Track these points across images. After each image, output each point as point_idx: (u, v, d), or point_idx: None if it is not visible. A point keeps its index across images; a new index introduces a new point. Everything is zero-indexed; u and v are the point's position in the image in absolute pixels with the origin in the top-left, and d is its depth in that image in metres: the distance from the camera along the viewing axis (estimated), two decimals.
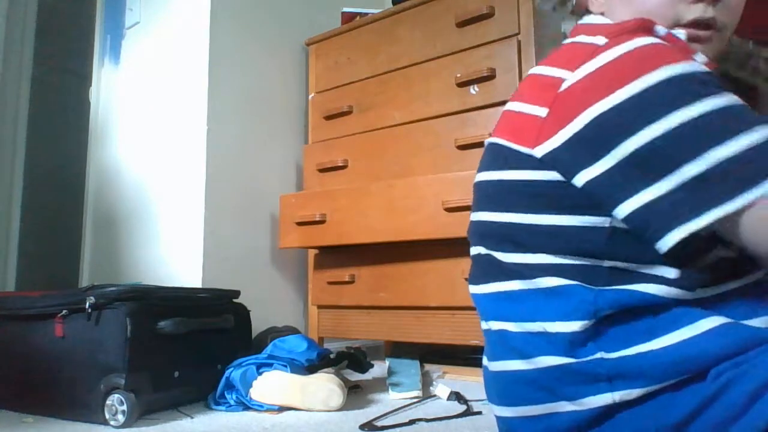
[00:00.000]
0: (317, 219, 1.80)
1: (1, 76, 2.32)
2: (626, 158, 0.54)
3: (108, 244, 2.10)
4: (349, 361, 1.45)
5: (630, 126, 0.54)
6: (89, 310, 1.20)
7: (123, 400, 1.14)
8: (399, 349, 1.88)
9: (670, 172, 0.52)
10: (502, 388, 0.67)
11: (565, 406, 0.60)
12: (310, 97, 2.10)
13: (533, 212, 0.62)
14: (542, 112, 0.61)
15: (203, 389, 1.35)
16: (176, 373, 1.28)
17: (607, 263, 0.59)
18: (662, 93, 0.54)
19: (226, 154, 1.94)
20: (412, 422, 1.14)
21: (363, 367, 1.48)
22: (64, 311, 1.24)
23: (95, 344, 1.20)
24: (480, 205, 0.70)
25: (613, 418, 0.57)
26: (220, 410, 1.30)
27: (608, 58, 0.58)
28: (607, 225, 0.58)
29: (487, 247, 0.69)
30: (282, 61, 2.19)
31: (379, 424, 1.13)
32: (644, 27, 0.62)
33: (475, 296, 0.72)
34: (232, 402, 1.31)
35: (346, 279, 1.84)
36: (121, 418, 1.14)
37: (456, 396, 1.34)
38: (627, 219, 0.56)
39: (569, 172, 0.58)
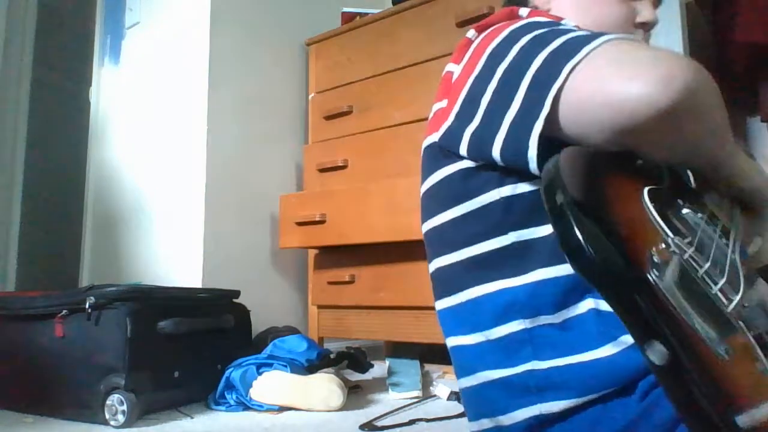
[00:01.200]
0: (317, 219, 1.80)
1: (1, 76, 2.32)
2: (487, 105, 0.61)
3: (108, 244, 2.10)
4: (349, 361, 1.45)
5: (485, 81, 0.62)
6: (89, 310, 1.20)
7: (123, 400, 1.14)
8: (399, 349, 1.88)
9: (513, 96, 0.58)
10: (465, 404, 0.70)
11: (502, 421, 0.61)
12: (310, 97, 2.10)
13: (444, 210, 0.68)
14: (444, 103, 0.69)
15: (203, 389, 1.35)
16: (176, 373, 1.28)
17: (512, 236, 0.62)
18: (502, 46, 0.62)
19: (226, 154, 1.94)
20: (412, 422, 1.15)
21: (363, 367, 1.48)
22: (64, 311, 1.24)
23: (95, 344, 1.20)
24: (423, 216, 0.76)
25: (545, 430, 0.58)
26: (220, 410, 1.30)
27: (475, 45, 0.68)
28: (498, 197, 0.62)
29: (434, 257, 0.72)
30: (282, 61, 2.19)
31: (379, 424, 1.13)
32: (509, 16, 0.70)
33: (437, 314, 0.74)
34: (232, 402, 1.31)
35: (346, 279, 1.84)
36: (121, 418, 1.14)
37: (456, 396, 1.34)
38: (502, 152, 0.58)
39: (458, 139, 0.64)
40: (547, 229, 0.60)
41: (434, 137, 0.69)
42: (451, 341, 0.69)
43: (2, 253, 2.34)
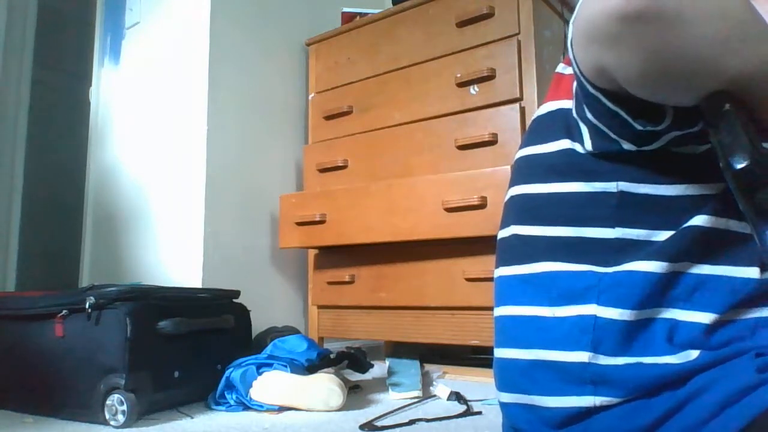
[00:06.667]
0: (317, 219, 1.80)
1: (1, 77, 2.32)
2: None
3: (108, 244, 2.10)
4: (349, 361, 1.45)
5: None
6: (89, 310, 1.20)
7: (123, 400, 1.14)
8: (399, 349, 1.88)
9: None
10: (501, 374, 0.69)
11: (545, 401, 0.61)
12: (310, 97, 2.10)
13: (551, 182, 0.66)
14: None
15: (203, 389, 1.35)
16: (176, 373, 1.27)
17: (618, 232, 0.60)
18: None
19: (226, 154, 1.94)
20: (412, 422, 1.14)
21: (363, 367, 1.48)
22: (64, 311, 1.24)
23: (95, 344, 1.19)
24: (516, 180, 0.73)
25: (589, 418, 0.58)
26: (220, 410, 1.30)
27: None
28: (616, 189, 0.61)
29: (514, 224, 0.70)
30: (282, 61, 2.19)
31: (379, 424, 1.13)
32: None
33: (495, 280, 0.73)
34: (232, 402, 1.31)
35: (346, 279, 1.84)
36: (121, 418, 1.14)
37: (456, 396, 1.34)
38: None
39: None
40: (658, 235, 0.59)
41: (569, 104, 0.65)
42: (506, 310, 0.68)
43: (2, 253, 2.34)
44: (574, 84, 0.62)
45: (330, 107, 2.00)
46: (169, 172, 1.96)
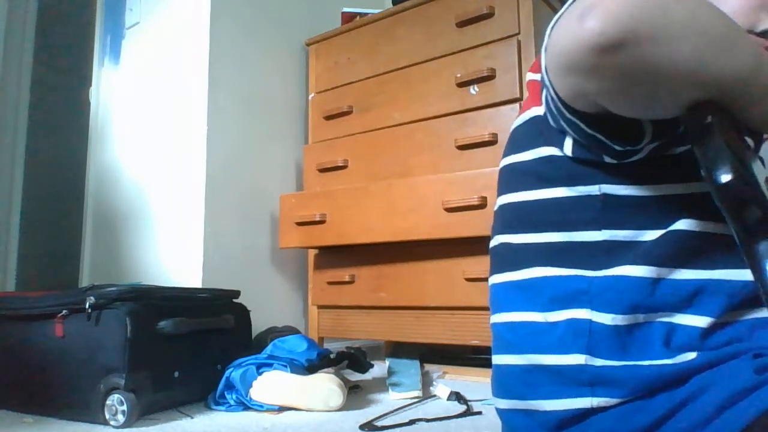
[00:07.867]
0: (317, 219, 1.80)
1: (1, 76, 2.32)
2: None
3: (108, 244, 2.10)
4: (349, 361, 1.45)
5: None
6: (89, 310, 1.20)
7: (123, 400, 1.14)
8: (399, 349, 1.88)
9: None
10: (497, 381, 0.69)
11: (542, 405, 0.61)
12: (310, 97, 2.10)
13: (534, 189, 0.66)
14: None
15: (203, 389, 1.35)
16: (176, 373, 1.28)
17: (606, 234, 0.60)
18: None
19: (226, 154, 1.94)
20: (412, 422, 1.14)
21: (363, 367, 1.48)
22: (64, 311, 1.24)
23: (95, 344, 1.20)
24: (501, 189, 0.74)
25: (587, 420, 0.58)
26: (220, 410, 1.30)
27: None
28: (598, 192, 0.61)
29: (503, 232, 0.70)
30: (282, 61, 2.19)
31: (379, 424, 1.13)
32: None
33: (489, 288, 0.73)
34: (232, 402, 1.31)
35: (346, 279, 1.84)
36: (121, 418, 1.14)
37: (456, 396, 1.34)
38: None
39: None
40: (645, 234, 0.59)
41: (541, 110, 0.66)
42: (501, 317, 0.68)
43: (2, 253, 2.34)
44: (545, 93, 0.61)
45: (330, 107, 2.00)
46: (169, 172, 1.96)
